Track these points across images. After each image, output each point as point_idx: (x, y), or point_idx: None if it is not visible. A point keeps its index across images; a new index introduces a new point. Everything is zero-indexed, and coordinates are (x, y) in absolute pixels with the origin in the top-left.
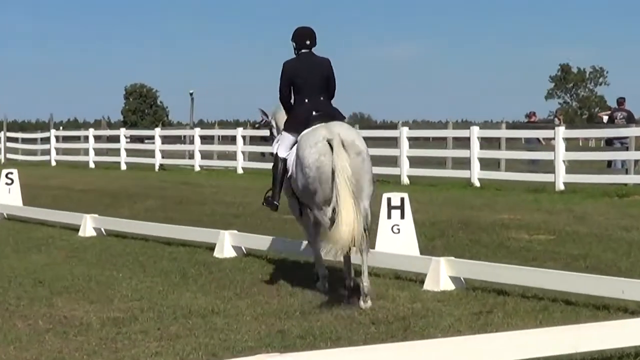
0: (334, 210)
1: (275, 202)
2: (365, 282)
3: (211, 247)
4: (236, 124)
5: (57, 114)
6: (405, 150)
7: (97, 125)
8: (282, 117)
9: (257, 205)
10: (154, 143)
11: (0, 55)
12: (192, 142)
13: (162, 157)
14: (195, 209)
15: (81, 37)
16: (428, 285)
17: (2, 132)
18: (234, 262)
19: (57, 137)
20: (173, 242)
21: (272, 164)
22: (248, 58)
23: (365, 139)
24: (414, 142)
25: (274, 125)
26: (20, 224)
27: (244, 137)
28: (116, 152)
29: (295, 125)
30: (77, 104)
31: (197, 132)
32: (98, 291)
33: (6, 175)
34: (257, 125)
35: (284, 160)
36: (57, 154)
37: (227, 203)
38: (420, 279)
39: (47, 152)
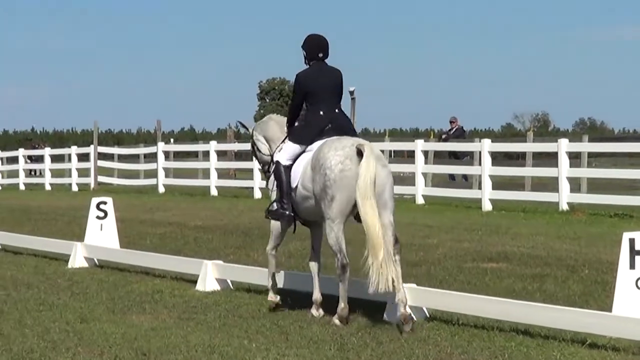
0: (356, 217)
1: (287, 213)
2: (402, 293)
3: (380, 308)
4: (413, 134)
5: (167, 122)
6: None
7: (220, 135)
8: (273, 128)
9: (444, 250)
10: None
11: (92, 52)
12: None
13: None
14: (357, 253)
15: (197, 15)
16: None
17: (92, 147)
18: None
19: (166, 153)
20: (325, 299)
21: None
22: (426, 51)
23: (598, 154)
24: None
25: (260, 138)
26: (117, 273)
27: (425, 153)
28: (248, 173)
29: (308, 135)
30: (192, 107)
31: None
32: None
33: (97, 206)
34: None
35: (287, 168)
36: (167, 175)
37: (403, 246)
38: None
39: (152, 173)
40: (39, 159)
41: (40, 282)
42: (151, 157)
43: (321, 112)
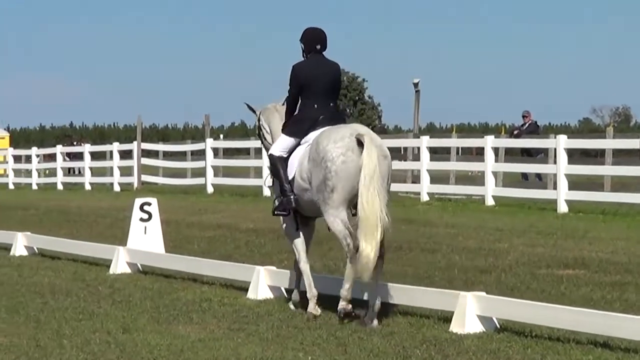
0: (355, 207)
1: (291, 200)
2: (377, 301)
3: (446, 318)
4: (482, 130)
5: (215, 117)
6: None
7: None
8: (276, 120)
9: (516, 255)
10: None
11: (135, 43)
12: (416, 157)
13: None
14: (423, 258)
15: (246, 5)
16: None
17: (136, 144)
18: (480, 340)
19: (215, 150)
20: (386, 309)
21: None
22: (496, 40)
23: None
24: None
25: (265, 126)
26: (162, 280)
27: (495, 150)
28: None
29: (301, 128)
30: (243, 101)
31: (425, 142)
32: None
33: (141, 208)
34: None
35: (282, 159)
36: (216, 174)
37: (471, 250)
38: None
39: (200, 172)
40: (79, 156)
41: (79, 290)
42: (199, 155)
43: (315, 106)
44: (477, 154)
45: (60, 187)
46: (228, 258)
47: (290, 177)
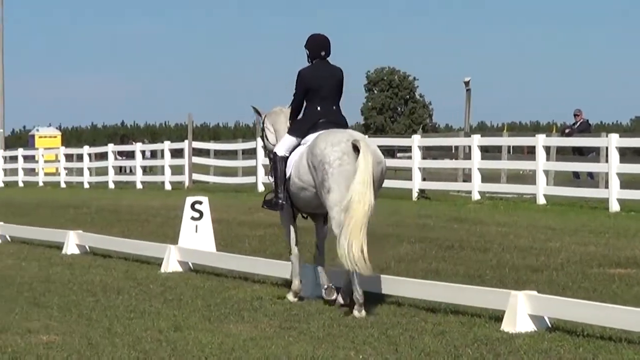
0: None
1: (281, 202)
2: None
3: (498, 317)
4: (534, 129)
5: None
6: None
7: None
8: (282, 121)
9: (568, 254)
10: (410, 157)
11: (186, 40)
12: (467, 156)
13: (423, 179)
14: (474, 257)
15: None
16: None
17: (187, 143)
18: (531, 340)
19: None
20: (438, 308)
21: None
22: (547, 38)
23: None
24: None
25: (270, 127)
26: (213, 278)
27: (546, 149)
28: None
29: (301, 128)
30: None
31: (476, 140)
32: None
33: (192, 206)
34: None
35: (284, 160)
36: (267, 173)
37: (522, 249)
38: None
39: (251, 171)
40: (130, 155)
41: (131, 288)
42: (250, 153)
43: (318, 108)
44: (529, 152)
45: (111, 185)
46: (279, 257)
47: (287, 176)
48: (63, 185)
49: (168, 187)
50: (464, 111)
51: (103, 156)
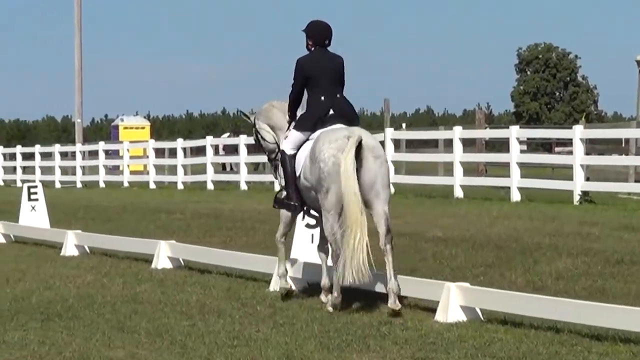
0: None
1: (292, 203)
2: (394, 282)
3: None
4: None
5: (396, 102)
6: None
7: (467, 119)
8: (278, 116)
9: None
10: (570, 153)
11: (292, 20)
12: (638, 150)
13: (587, 179)
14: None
15: None
16: None
17: None
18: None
19: (396, 142)
20: (604, 336)
21: None
22: None
23: None
24: None
25: (264, 127)
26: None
27: None
28: (503, 169)
29: (309, 122)
30: (427, 83)
31: None
32: None
33: (307, 211)
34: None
35: (293, 157)
36: (397, 171)
37: None
38: None
39: None
40: (233, 150)
41: (233, 310)
42: None
43: (322, 98)
44: None
45: (210, 186)
46: (412, 272)
47: (297, 174)
48: (152, 185)
49: (277, 188)
50: (636, 96)
51: (200, 151)
